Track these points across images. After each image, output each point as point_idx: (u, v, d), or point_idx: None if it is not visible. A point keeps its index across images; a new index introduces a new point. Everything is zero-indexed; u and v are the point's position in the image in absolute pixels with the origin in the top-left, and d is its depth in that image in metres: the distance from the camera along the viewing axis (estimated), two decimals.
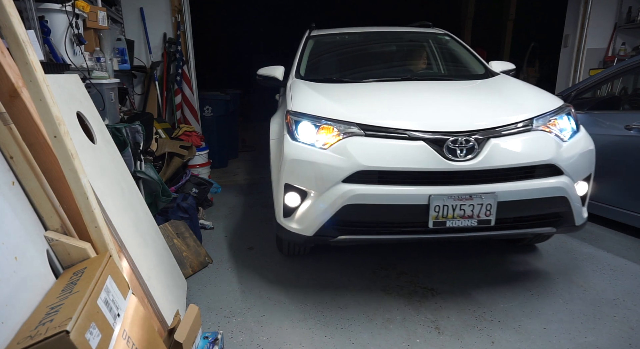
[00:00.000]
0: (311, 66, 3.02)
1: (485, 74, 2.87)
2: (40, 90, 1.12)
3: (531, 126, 2.00)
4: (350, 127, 1.99)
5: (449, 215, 1.89)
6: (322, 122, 2.05)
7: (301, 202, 2.05)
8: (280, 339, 1.86)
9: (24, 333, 0.93)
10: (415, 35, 3.50)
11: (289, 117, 2.16)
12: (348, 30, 3.48)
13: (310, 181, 1.97)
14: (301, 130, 2.07)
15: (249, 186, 4.38)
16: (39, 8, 2.43)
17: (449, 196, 1.86)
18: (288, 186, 2.05)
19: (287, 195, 2.07)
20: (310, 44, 3.25)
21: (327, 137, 2.01)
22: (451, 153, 1.88)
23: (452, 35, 3.43)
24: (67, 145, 1.18)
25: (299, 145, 2.03)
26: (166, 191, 2.80)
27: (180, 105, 4.82)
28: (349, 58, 3.27)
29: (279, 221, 2.18)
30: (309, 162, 1.97)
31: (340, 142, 1.96)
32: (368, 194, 1.87)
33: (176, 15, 4.69)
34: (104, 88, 2.86)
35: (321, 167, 1.93)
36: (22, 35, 1.09)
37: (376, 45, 3.42)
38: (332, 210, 1.92)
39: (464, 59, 3.17)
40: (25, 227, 1.12)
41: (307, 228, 2.02)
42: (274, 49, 6.89)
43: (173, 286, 1.98)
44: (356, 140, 1.95)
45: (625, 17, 5.25)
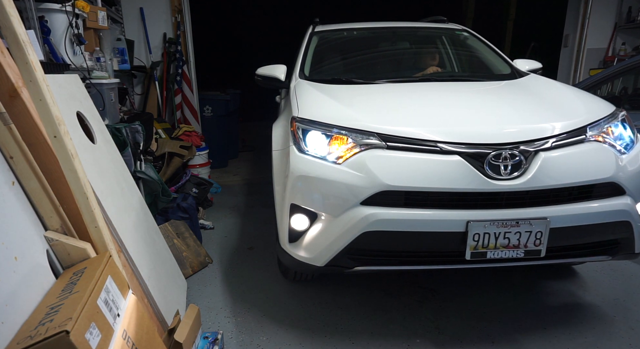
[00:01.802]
0: (316, 65, 2.72)
1: (512, 74, 2.57)
2: (40, 90, 1.12)
3: (584, 136, 1.70)
4: (369, 138, 1.70)
5: (491, 245, 1.61)
6: (335, 131, 1.76)
7: (310, 225, 1.77)
8: (280, 339, 1.86)
9: (23, 333, 0.93)
10: (430, 31, 3.17)
11: (295, 125, 1.86)
12: (356, 26, 3.14)
13: (321, 202, 1.70)
14: (310, 141, 1.79)
15: (249, 186, 4.38)
16: (39, 8, 2.43)
17: (491, 223, 1.58)
18: (295, 207, 1.77)
19: (293, 217, 1.79)
20: (314, 40, 2.93)
21: (340, 149, 1.71)
22: (493, 171, 1.59)
23: (470, 30, 3.11)
24: (67, 145, 1.18)
25: (308, 158, 1.74)
26: (166, 191, 2.80)
27: (180, 105, 4.82)
28: (358, 56, 2.96)
29: (283, 247, 1.89)
30: (319, 180, 1.68)
31: (358, 155, 1.67)
32: (393, 220, 1.59)
33: (176, 15, 4.69)
34: (104, 88, 2.86)
35: (335, 186, 1.65)
36: (22, 35, 1.09)
37: (387, 42, 3.11)
38: (349, 237, 1.64)
39: (486, 57, 2.86)
40: (25, 227, 1.12)
41: (318, 257, 1.75)
42: (275, 48, 6.90)
43: (173, 286, 1.98)
44: (377, 154, 1.65)
45: (625, 17, 5.25)
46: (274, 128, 2.25)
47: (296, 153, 1.79)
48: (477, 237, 1.60)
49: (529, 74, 2.56)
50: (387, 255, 1.74)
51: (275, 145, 2.12)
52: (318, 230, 1.74)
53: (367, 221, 1.60)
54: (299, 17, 6.32)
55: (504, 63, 2.73)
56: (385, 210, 1.61)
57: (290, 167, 1.77)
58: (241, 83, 7.07)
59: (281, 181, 1.90)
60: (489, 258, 1.64)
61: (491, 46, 2.92)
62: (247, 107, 7.65)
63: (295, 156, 1.78)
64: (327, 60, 2.88)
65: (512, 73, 2.59)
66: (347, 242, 1.66)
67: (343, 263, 1.74)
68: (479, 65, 2.88)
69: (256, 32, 9.15)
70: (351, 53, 2.98)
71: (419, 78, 2.48)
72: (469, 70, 2.95)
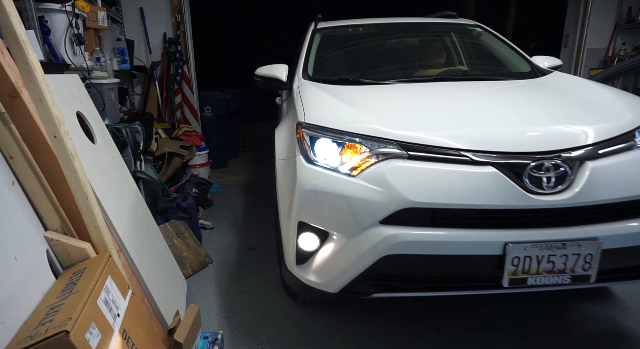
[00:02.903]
0: (320, 64, 2.54)
1: (533, 72, 2.37)
2: (40, 90, 1.12)
3: (634, 141, 1.51)
4: (387, 146, 1.50)
5: (532, 270, 1.41)
6: (348, 139, 1.56)
7: (320, 246, 1.58)
8: (280, 339, 1.86)
9: (23, 333, 0.93)
10: (441, 26, 2.96)
11: (302, 132, 1.68)
12: (361, 22, 2.94)
13: (333, 220, 1.51)
14: (319, 150, 1.60)
15: (249, 186, 4.38)
16: (39, 8, 2.43)
17: (533, 245, 1.38)
18: (303, 225, 1.59)
19: (301, 236, 1.61)
20: (317, 38, 2.73)
21: (354, 160, 1.52)
22: (534, 184, 1.39)
23: (483, 26, 2.91)
24: (67, 145, 1.18)
25: (317, 170, 1.55)
26: (166, 191, 2.80)
27: (180, 105, 4.82)
28: (365, 54, 2.76)
29: (289, 269, 1.71)
30: (331, 195, 1.49)
31: (375, 167, 1.47)
32: (418, 242, 1.40)
33: (176, 15, 4.69)
34: (104, 88, 2.86)
35: (350, 202, 1.46)
36: (22, 35, 1.09)
37: (396, 38, 2.91)
38: (367, 261, 1.46)
39: (502, 54, 2.66)
40: (25, 227, 1.12)
41: (330, 283, 1.56)
42: (275, 48, 6.91)
43: (173, 286, 1.98)
44: (397, 165, 1.46)
45: (625, 17, 5.25)
46: (277, 134, 2.05)
47: (304, 164, 1.59)
48: (517, 261, 1.40)
49: (552, 72, 2.36)
50: (410, 280, 1.55)
51: (279, 153, 1.90)
52: (330, 251, 1.56)
53: (388, 244, 1.41)
54: (299, 16, 6.32)
55: (523, 60, 2.53)
56: (408, 230, 1.41)
57: (297, 180, 1.58)
58: (241, 83, 7.07)
59: (287, 195, 1.71)
60: (529, 285, 1.43)
61: (508, 42, 2.72)
62: (247, 107, 7.66)
63: (303, 167, 1.59)
64: (332, 59, 2.71)
65: (532, 72, 2.38)
66: (365, 267, 1.46)
67: (359, 290, 1.55)
68: (495, 63, 2.68)
69: (256, 32, 9.15)
70: (357, 51, 2.78)
71: (433, 78, 2.28)
72: (484, 68, 2.74)
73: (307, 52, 2.58)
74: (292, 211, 1.62)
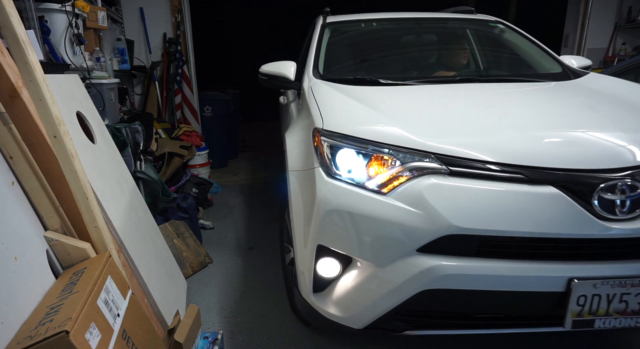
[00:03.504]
0: (331, 62, 2.32)
1: (565, 73, 2.16)
2: (40, 90, 1.12)
3: None
4: (424, 160, 1.28)
5: (601, 311, 1.22)
6: (375, 149, 1.35)
7: (342, 273, 1.40)
8: (280, 339, 1.86)
9: (23, 333, 0.93)
10: (460, 22, 2.73)
11: (320, 140, 1.46)
12: (374, 16, 2.71)
13: (360, 246, 1.31)
14: (342, 162, 1.38)
15: (249, 186, 4.38)
16: (39, 8, 2.43)
17: (604, 282, 1.19)
18: (323, 249, 1.40)
19: (320, 261, 1.42)
20: (327, 33, 2.50)
21: (384, 175, 1.31)
22: (605, 208, 1.18)
23: (506, 22, 2.70)
24: (67, 145, 1.18)
25: (341, 186, 1.34)
26: (166, 191, 2.80)
27: (180, 105, 4.82)
28: (380, 52, 2.55)
29: (305, 298, 1.52)
30: (359, 216, 1.29)
31: (410, 184, 1.26)
32: (465, 275, 1.22)
33: (176, 15, 4.69)
34: (104, 88, 2.86)
35: (381, 226, 1.26)
36: (22, 35, 1.09)
37: (412, 35, 2.71)
38: (402, 296, 1.28)
39: (528, 53, 2.44)
40: (25, 227, 1.12)
41: (355, 318, 1.38)
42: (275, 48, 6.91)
43: (173, 286, 1.98)
44: (437, 182, 1.24)
45: (625, 17, 5.26)
46: (288, 140, 1.83)
47: (324, 179, 1.38)
48: (583, 300, 1.20)
49: (587, 72, 2.16)
50: (452, 317, 1.36)
51: (292, 163, 1.67)
52: (354, 280, 1.36)
53: (428, 277, 1.23)
54: (299, 16, 6.33)
55: (552, 60, 2.32)
56: (452, 261, 1.23)
57: (317, 197, 1.37)
58: (241, 83, 7.07)
59: (303, 212, 1.51)
60: (596, 327, 1.24)
61: (534, 40, 2.48)
62: (247, 107, 7.66)
63: (324, 182, 1.37)
64: (344, 56, 2.49)
65: (564, 73, 2.17)
66: (399, 302, 1.29)
67: (389, 326, 1.38)
68: (522, 63, 2.46)
69: (256, 31, 9.15)
70: (372, 48, 2.56)
71: (458, 79, 2.08)
72: (511, 68, 2.51)
73: (317, 48, 2.34)
74: (311, 233, 1.42)
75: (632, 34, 5.36)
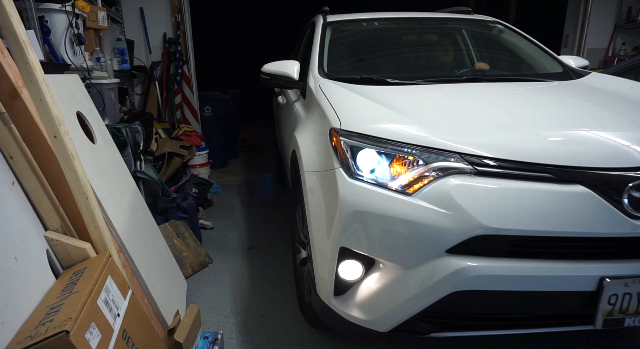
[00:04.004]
0: (336, 62, 2.29)
1: (566, 73, 2.18)
2: (40, 90, 1.12)
3: None
4: (449, 159, 1.27)
5: (631, 309, 1.22)
6: (397, 149, 1.33)
7: (364, 275, 1.37)
8: (280, 339, 1.86)
9: (24, 333, 0.93)
10: (460, 22, 2.75)
11: (339, 140, 1.43)
12: (375, 16, 2.71)
13: (386, 248, 1.29)
14: (363, 162, 1.36)
15: (249, 186, 4.38)
16: (39, 8, 2.43)
17: (635, 280, 1.20)
18: (345, 251, 1.37)
19: (342, 264, 1.39)
20: (328, 32, 2.47)
21: (408, 175, 1.29)
22: (635, 206, 1.19)
23: (504, 23, 2.74)
24: (67, 145, 1.18)
25: (364, 187, 1.32)
26: (166, 191, 2.80)
27: (180, 105, 4.82)
28: (384, 51, 2.54)
29: (325, 301, 1.48)
30: (384, 217, 1.27)
31: (436, 184, 1.25)
32: (497, 276, 1.21)
33: (176, 15, 4.69)
34: (104, 88, 2.86)
35: (409, 227, 1.24)
36: (22, 35, 1.09)
37: (413, 35, 2.72)
38: (431, 298, 1.26)
39: (528, 54, 2.47)
40: (25, 227, 1.12)
41: (381, 321, 1.35)
42: (275, 48, 6.91)
43: (173, 286, 1.98)
44: (464, 182, 1.23)
45: (625, 17, 5.26)
46: (299, 139, 1.80)
47: (346, 179, 1.35)
48: (614, 299, 1.20)
49: (589, 72, 2.17)
50: (480, 318, 1.35)
51: (307, 164, 1.64)
52: (379, 282, 1.34)
53: (459, 278, 1.21)
54: (299, 16, 6.33)
55: (552, 60, 2.34)
56: (483, 261, 1.21)
57: (339, 199, 1.34)
58: (241, 83, 7.07)
59: (322, 214, 1.48)
60: (625, 326, 1.25)
61: (534, 41, 2.51)
62: (247, 107, 7.66)
63: (346, 183, 1.35)
64: (348, 55, 2.46)
65: (565, 73, 2.19)
66: (428, 304, 1.27)
67: (415, 328, 1.35)
68: (523, 63, 2.47)
69: (256, 31, 9.15)
70: (375, 47, 2.54)
71: (465, 78, 2.06)
72: (514, 68, 2.52)
73: (320, 47, 2.31)
74: (332, 236, 1.39)
75: (632, 34, 5.36)
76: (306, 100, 2.07)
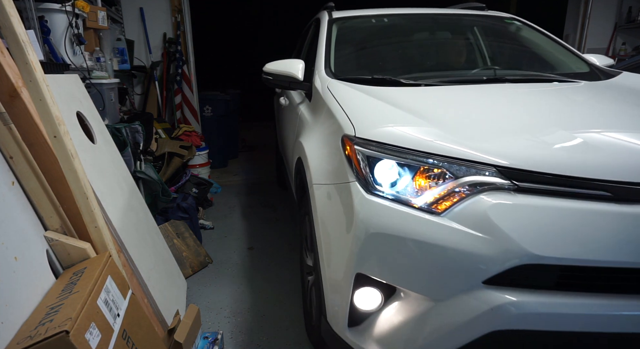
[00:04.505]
0: (344, 61, 2.14)
1: (593, 73, 2.01)
2: (40, 90, 1.12)
3: None
4: (483, 173, 1.10)
5: None
6: (422, 160, 1.16)
7: (384, 304, 1.21)
8: (280, 339, 1.86)
9: (23, 333, 0.93)
10: (474, 19, 2.56)
11: (353, 150, 1.26)
12: (384, 12, 2.53)
13: (410, 276, 1.13)
14: (382, 175, 1.20)
15: (249, 186, 4.38)
16: (39, 8, 2.43)
17: None
18: (362, 277, 1.20)
19: (359, 292, 1.22)
20: (334, 30, 2.29)
21: (435, 190, 1.13)
22: None
23: (522, 19, 2.56)
24: (67, 145, 1.18)
25: (384, 204, 1.15)
26: (166, 191, 2.80)
27: (180, 105, 4.83)
28: (395, 50, 2.36)
29: (337, 332, 1.31)
30: (409, 241, 1.10)
31: (470, 202, 1.08)
32: (548, 314, 1.02)
33: (176, 15, 4.69)
34: (104, 88, 2.86)
35: (438, 253, 1.07)
36: (22, 35, 1.09)
37: (426, 32, 2.54)
38: (464, 337, 1.08)
39: (550, 52, 2.28)
40: (25, 227, 1.12)
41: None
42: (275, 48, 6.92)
43: (173, 286, 1.98)
44: (503, 201, 1.06)
45: (625, 17, 5.26)
46: (306, 146, 1.64)
47: (364, 196, 1.18)
48: None
49: (620, 72, 2.00)
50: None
51: (316, 175, 1.47)
52: (402, 314, 1.16)
53: (501, 315, 1.03)
54: (299, 16, 6.33)
55: (577, 59, 2.16)
56: (529, 296, 1.03)
57: (356, 218, 1.18)
58: (241, 83, 7.08)
59: (334, 235, 1.31)
60: None
61: (555, 39, 2.33)
62: (247, 107, 7.66)
63: (364, 200, 1.18)
64: (356, 54, 2.29)
65: (592, 72, 2.02)
66: (461, 344, 1.09)
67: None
68: (547, 63, 2.27)
69: (257, 31, 9.15)
70: (386, 46, 2.37)
71: (485, 79, 1.90)
72: (538, 68, 2.30)
73: (326, 45, 2.13)
74: (347, 260, 1.22)
75: (632, 34, 5.36)
76: (312, 103, 1.92)
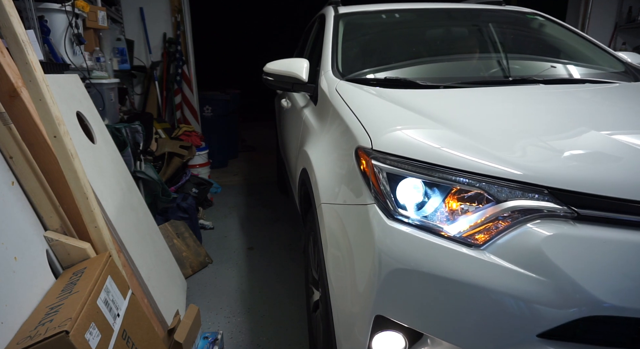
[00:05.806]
0: (353, 60, 1.95)
1: (629, 73, 1.83)
2: (40, 90, 1.12)
3: None
4: (532, 196, 0.90)
5: None
6: (456, 179, 0.96)
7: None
8: (280, 339, 1.86)
9: (23, 333, 0.93)
10: (493, 14, 2.33)
11: (370, 164, 1.06)
12: (395, 6, 2.31)
13: (444, 322, 0.92)
14: (406, 197, 1.00)
15: (249, 187, 4.38)
16: (39, 8, 2.43)
17: None
18: (382, 320, 1.00)
19: (377, 336, 1.02)
20: (341, 26, 2.08)
21: (471, 217, 0.93)
22: None
23: (545, 15, 2.34)
24: (67, 145, 1.18)
25: (409, 233, 0.95)
26: (166, 191, 2.80)
27: (180, 105, 4.83)
28: (411, 48, 2.13)
29: None
30: (441, 280, 0.90)
31: (517, 233, 0.89)
32: None
33: (176, 15, 4.69)
34: (104, 88, 2.86)
35: (478, 295, 0.88)
36: (22, 35, 1.09)
37: (442, 29, 2.34)
38: None
39: (578, 50, 2.07)
40: (24, 227, 1.12)
41: None
42: (275, 48, 6.92)
43: (173, 286, 1.98)
44: (562, 233, 0.86)
45: (625, 17, 5.25)
46: (312, 157, 1.46)
47: (385, 222, 0.98)
48: None
49: None
50: None
51: (325, 193, 1.27)
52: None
53: None
54: (299, 16, 6.33)
55: (610, 57, 1.96)
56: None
57: (376, 249, 0.97)
58: (241, 83, 7.08)
59: (347, 267, 1.09)
60: None
61: (584, 35, 2.12)
62: (247, 107, 7.67)
63: (384, 227, 0.97)
64: (366, 53, 2.09)
65: (627, 72, 1.84)
66: None
67: None
68: (576, 61, 2.05)
69: (257, 31, 9.16)
70: (399, 44, 2.14)
71: (512, 80, 1.72)
72: (567, 67, 2.08)
73: (333, 43, 1.93)
74: (365, 299, 1.01)
75: (632, 34, 5.36)
76: (318, 107, 1.74)
